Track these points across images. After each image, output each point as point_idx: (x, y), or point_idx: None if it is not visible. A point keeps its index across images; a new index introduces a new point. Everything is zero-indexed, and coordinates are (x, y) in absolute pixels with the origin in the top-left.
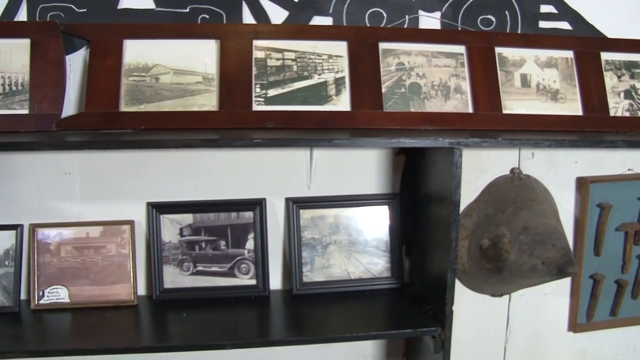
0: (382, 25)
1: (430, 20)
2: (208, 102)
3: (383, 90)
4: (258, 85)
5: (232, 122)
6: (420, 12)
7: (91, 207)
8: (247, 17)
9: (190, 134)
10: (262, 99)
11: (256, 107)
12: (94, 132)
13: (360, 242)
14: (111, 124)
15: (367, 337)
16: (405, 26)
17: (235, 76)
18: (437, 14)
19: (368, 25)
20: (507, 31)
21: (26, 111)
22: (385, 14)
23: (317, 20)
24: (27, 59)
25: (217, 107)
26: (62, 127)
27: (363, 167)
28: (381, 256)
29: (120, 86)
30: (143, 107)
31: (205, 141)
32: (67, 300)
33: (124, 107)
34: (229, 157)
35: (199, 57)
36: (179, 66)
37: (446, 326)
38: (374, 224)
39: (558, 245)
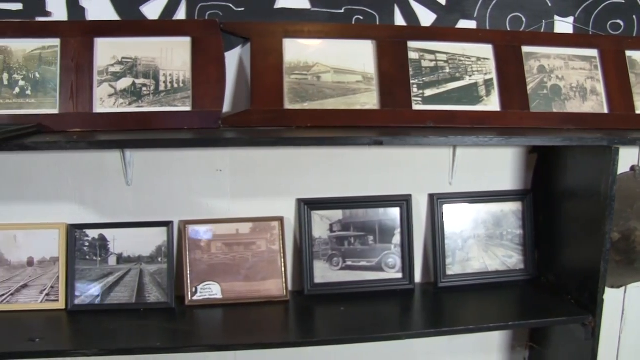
0: (521, 29)
1: (563, 25)
2: (369, 100)
3: (528, 91)
4: (415, 85)
5: (395, 120)
6: (556, 17)
7: (241, 203)
8: (399, 19)
9: (354, 131)
10: (419, 99)
11: (415, 107)
12: (261, 129)
13: (497, 236)
14: (278, 121)
15: (519, 325)
16: (542, 30)
17: (393, 76)
18: (571, 19)
19: (508, 29)
20: (634, 35)
21: (188, 108)
22: (524, 19)
23: (463, 24)
24: (188, 56)
25: (379, 106)
26: (229, 124)
27: (499, 164)
28: (515, 249)
29: (283, 84)
30: (307, 105)
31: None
32: (219, 296)
33: (287, 105)
34: (377, 154)
35: (356, 56)
36: (338, 65)
37: (597, 314)
38: (508, 219)
39: None
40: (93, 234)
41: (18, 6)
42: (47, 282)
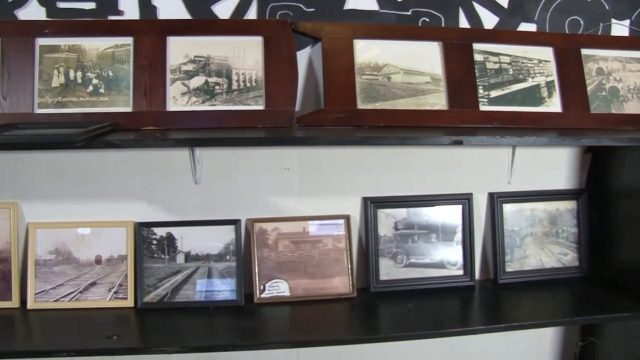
0: (580, 32)
1: (620, 28)
2: (438, 101)
3: (587, 93)
4: (480, 87)
5: (462, 121)
6: (613, 20)
7: (308, 201)
8: (463, 22)
9: (423, 131)
10: (485, 100)
11: (482, 107)
12: (335, 128)
13: (552, 234)
14: (351, 121)
15: (586, 320)
16: (599, 33)
17: (460, 77)
18: (627, 22)
19: (567, 32)
20: None
21: (261, 107)
22: (582, 22)
23: (523, 27)
24: (260, 56)
25: (447, 107)
26: (304, 123)
27: (554, 164)
28: (570, 247)
29: (355, 84)
30: (379, 105)
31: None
32: (287, 293)
33: (360, 105)
34: (440, 154)
35: (424, 58)
36: (407, 66)
37: None
38: (563, 217)
39: None
40: (161, 232)
41: (91, 5)
42: (115, 280)
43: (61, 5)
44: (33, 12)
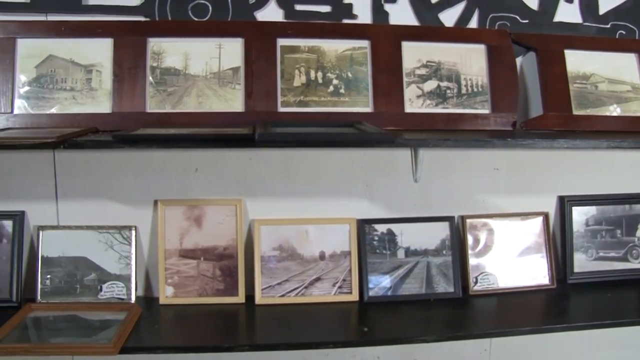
0: None
1: None
2: (639, 108)
3: None
4: None
5: None
6: None
7: (511, 199)
8: None
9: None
10: None
11: None
12: (555, 131)
13: None
14: (568, 126)
15: None
16: None
17: None
18: None
19: None
20: None
21: (487, 111)
22: None
23: None
24: (484, 63)
25: None
26: (529, 127)
27: None
28: None
29: (569, 92)
30: (589, 111)
31: None
32: (496, 285)
33: (574, 111)
34: (621, 156)
35: (624, 68)
36: (610, 76)
37: None
38: None
39: None
40: (382, 228)
41: (326, 8)
42: (339, 275)
43: (298, 7)
44: (271, 13)
